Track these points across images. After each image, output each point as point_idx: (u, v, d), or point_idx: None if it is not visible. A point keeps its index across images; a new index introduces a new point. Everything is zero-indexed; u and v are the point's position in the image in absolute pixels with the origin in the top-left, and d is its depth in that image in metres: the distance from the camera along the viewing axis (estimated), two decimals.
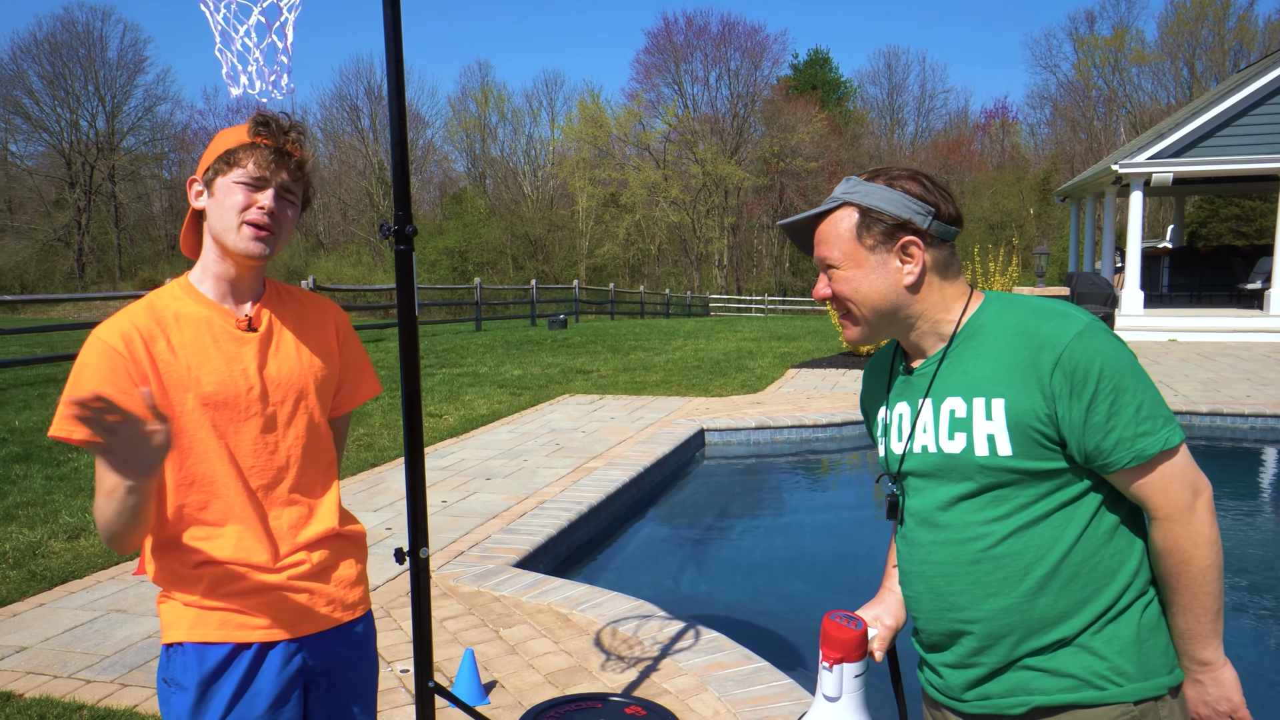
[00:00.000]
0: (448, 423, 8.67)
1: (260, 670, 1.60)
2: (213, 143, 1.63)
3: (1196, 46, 42.86)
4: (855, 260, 1.44)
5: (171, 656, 1.60)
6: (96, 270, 45.96)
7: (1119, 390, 1.34)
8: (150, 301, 1.60)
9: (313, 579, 1.66)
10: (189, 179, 1.62)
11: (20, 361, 11.37)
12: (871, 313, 1.45)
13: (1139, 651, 1.40)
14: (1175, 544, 1.37)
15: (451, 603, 4.26)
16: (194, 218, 1.65)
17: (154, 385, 1.53)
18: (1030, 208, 43.10)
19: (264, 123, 1.58)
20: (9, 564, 4.83)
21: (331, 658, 1.69)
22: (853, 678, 1.43)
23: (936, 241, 1.44)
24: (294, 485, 1.66)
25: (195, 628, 1.58)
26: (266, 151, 1.56)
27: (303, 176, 1.62)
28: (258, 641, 1.60)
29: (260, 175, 1.56)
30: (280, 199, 1.59)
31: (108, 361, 1.51)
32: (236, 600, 1.59)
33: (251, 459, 1.61)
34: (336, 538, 1.72)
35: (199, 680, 1.57)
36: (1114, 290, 12.45)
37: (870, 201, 1.43)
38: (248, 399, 1.60)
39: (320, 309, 1.76)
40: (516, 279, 44.11)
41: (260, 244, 1.57)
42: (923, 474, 1.48)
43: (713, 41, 48.49)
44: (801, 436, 8.27)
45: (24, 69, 44.64)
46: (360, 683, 1.75)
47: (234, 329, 1.61)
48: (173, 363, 1.55)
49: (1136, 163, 15.17)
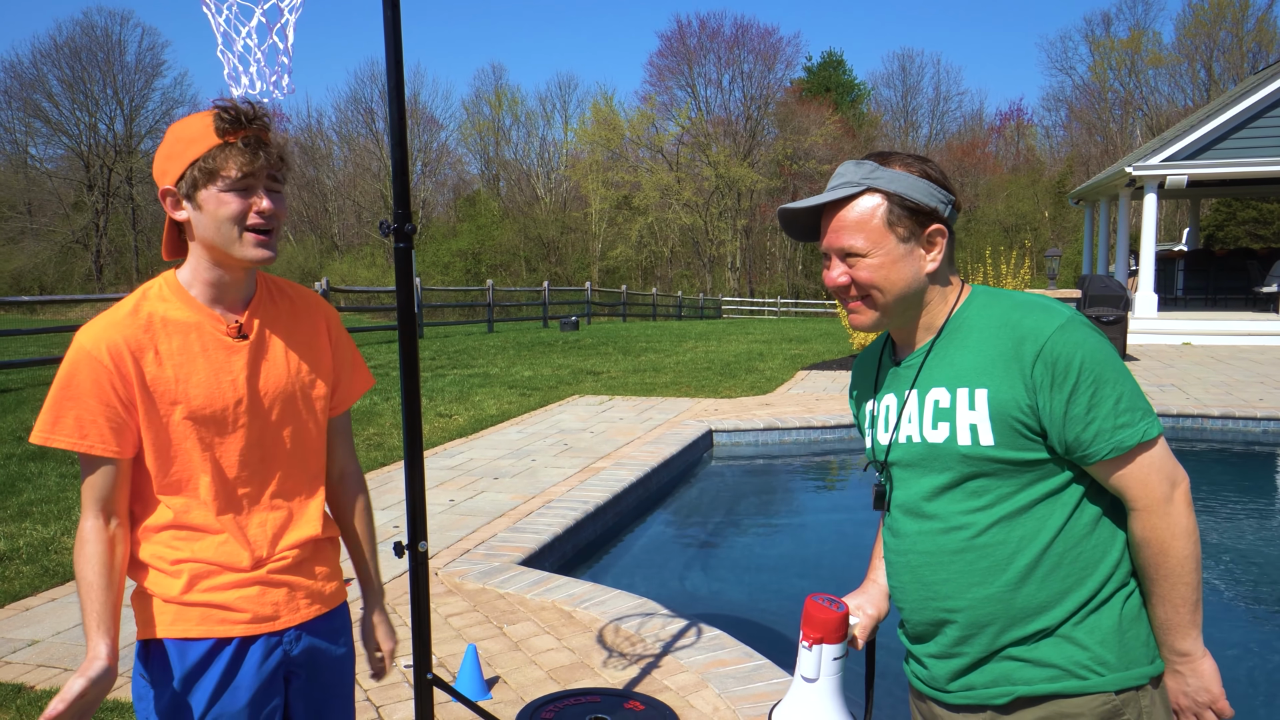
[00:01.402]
0: (457, 423, 8.72)
1: (242, 664, 1.59)
2: (170, 142, 1.53)
3: (1214, 48, 42.57)
4: (884, 248, 1.43)
5: (151, 652, 1.58)
6: (114, 272, 46.40)
7: (1099, 383, 1.36)
8: (136, 305, 1.55)
9: (291, 573, 1.66)
10: (162, 190, 1.53)
11: (39, 361, 11.51)
12: (894, 300, 1.46)
13: (1120, 641, 1.41)
14: (1153, 535, 1.38)
15: (456, 600, 4.30)
16: (172, 224, 1.59)
17: (139, 398, 1.52)
18: (1044, 210, 42.88)
19: (229, 118, 1.49)
20: (22, 559, 4.90)
21: (310, 649, 1.69)
22: (831, 660, 1.45)
23: (951, 230, 1.47)
24: (277, 492, 1.65)
25: (175, 623, 1.57)
26: (243, 149, 1.49)
27: (283, 164, 1.55)
28: (238, 636, 1.59)
29: (246, 175, 1.50)
30: (270, 194, 1.54)
31: (92, 375, 1.50)
32: (216, 596, 1.58)
33: (237, 469, 1.60)
34: (316, 541, 1.72)
35: (181, 676, 1.56)
36: (1127, 293, 12.37)
37: (899, 188, 1.43)
38: (235, 411, 1.58)
39: (311, 307, 1.74)
40: (529, 281, 44.23)
41: (265, 249, 1.54)
42: (907, 464, 1.50)
43: (726, 44, 48.56)
44: (809, 438, 8.27)
45: (44, 73, 45.21)
46: (338, 673, 1.75)
47: (223, 336, 1.58)
48: (160, 375, 1.53)
49: (1151, 165, 15.08)
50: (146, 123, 47.37)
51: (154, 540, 1.59)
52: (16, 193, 46.19)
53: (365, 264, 45.47)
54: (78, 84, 45.28)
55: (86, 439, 1.50)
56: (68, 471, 6.85)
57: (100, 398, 1.50)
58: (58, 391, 1.51)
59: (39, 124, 46.14)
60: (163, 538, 1.59)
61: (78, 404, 1.50)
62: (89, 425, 1.50)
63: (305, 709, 1.71)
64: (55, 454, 7.35)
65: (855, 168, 1.46)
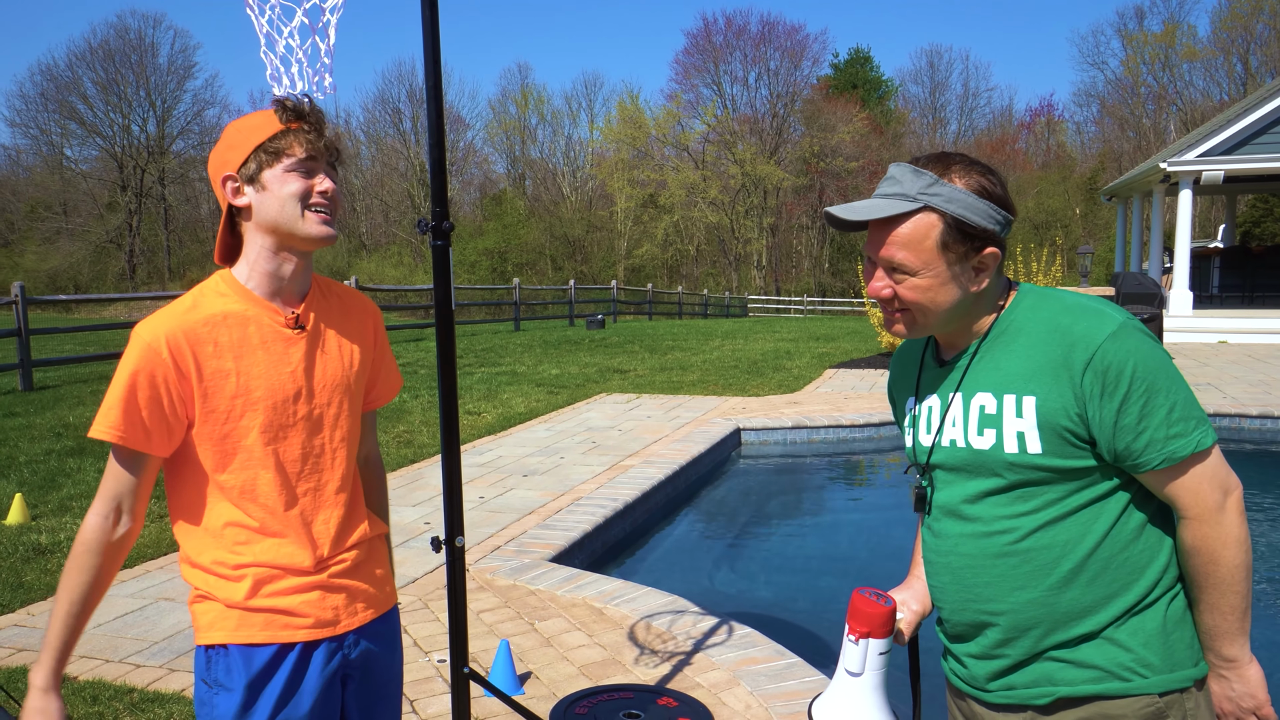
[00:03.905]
0: (486, 420, 8.77)
1: (306, 670, 1.60)
2: (230, 134, 1.58)
3: (1251, 41, 41.77)
4: (935, 271, 1.38)
5: (213, 658, 1.57)
6: (146, 271, 47.11)
7: (1151, 392, 1.33)
8: (195, 300, 1.57)
9: (349, 576, 1.67)
10: (222, 177, 1.56)
11: (74, 359, 11.72)
12: (937, 320, 1.43)
13: (1164, 644, 1.40)
14: (1204, 544, 1.36)
15: (488, 595, 4.33)
16: (228, 223, 1.61)
17: (196, 393, 1.53)
18: (1076, 207, 42.33)
19: (291, 108, 1.56)
20: (63, 553, 5.00)
21: (366, 652, 1.70)
22: (876, 655, 1.44)
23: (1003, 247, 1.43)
24: (338, 487, 1.66)
25: (240, 629, 1.56)
26: (306, 132, 1.55)
27: (338, 154, 1.61)
28: (301, 641, 1.60)
29: (310, 157, 1.55)
30: (330, 177, 1.58)
31: (147, 368, 1.50)
32: (280, 601, 1.58)
33: (298, 463, 1.61)
34: (368, 535, 1.73)
35: (246, 683, 1.55)
36: (1161, 291, 12.20)
37: (957, 211, 1.37)
38: (294, 403, 1.60)
39: (361, 306, 1.76)
40: (555, 279, 44.34)
41: (328, 227, 1.57)
42: (951, 467, 1.48)
43: (752, 41, 48.32)
44: (838, 436, 8.23)
45: (79, 75, 45.97)
46: (390, 674, 1.76)
47: (281, 328, 1.59)
48: (219, 368, 1.54)
49: (1186, 160, 14.84)
50: (178, 124, 48.11)
51: (214, 544, 1.59)
52: (53, 193, 47.06)
53: (393, 263, 45.81)
54: (111, 86, 46.01)
55: (121, 430, 1.51)
56: (105, 467, 6.96)
57: (150, 392, 1.51)
58: (112, 384, 1.53)
59: (74, 126, 47.01)
60: (224, 541, 1.58)
61: (127, 396, 1.51)
62: (131, 418, 1.51)
63: (358, 710, 1.71)
64: (94, 449, 7.48)
65: (914, 177, 1.39)
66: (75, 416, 8.89)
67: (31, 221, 46.65)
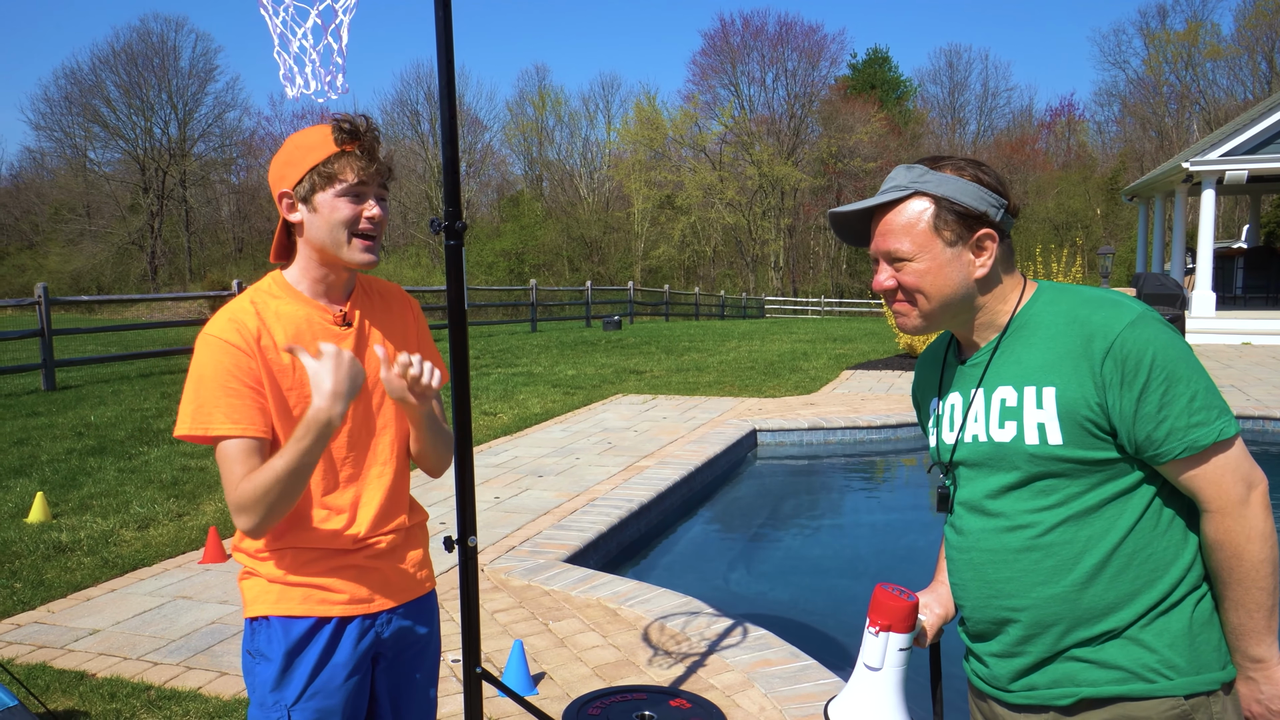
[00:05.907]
0: (502, 421, 8.79)
1: (339, 643, 1.68)
2: (290, 150, 1.65)
3: (1276, 39, 41.26)
4: (930, 252, 1.41)
5: (256, 630, 1.68)
6: (168, 272, 47.54)
7: (1171, 380, 1.32)
8: (251, 299, 1.67)
9: (385, 558, 1.74)
10: (279, 193, 1.65)
11: (96, 360, 11.84)
12: (939, 306, 1.44)
13: (1190, 645, 1.37)
14: (1227, 538, 1.34)
15: (502, 596, 4.33)
16: (284, 226, 1.71)
17: (266, 383, 1.60)
18: (1097, 208, 41.95)
19: (348, 130, 1.61)
20: (83, 551, 5.04)
21: (399, 631, 1.77)
22: (897, 650, 1.42)
23: (1003, 234, 1.44)
24: (379, 473, 1.74)
25: (280, 602, 1.66)
26: (359, 157, 1.61)
27: (390, 174, 1.68)
28: (337, 615, 1.68)
29: (361, 183, 1.62)
30: (379, 202, 1.66)
31: (230, 358, 1.57)
32: (318, 576, 1.67)
33: (344, 449, 1.68)
34: (407, 523, 1.80)
35: (284, 651, 1.65)
36: (1183, 291, 12.05)
37: (946, 192, 1.40)
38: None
39: (401, 300, 1.84)
40: (572, 280, 44.41)
41: (371, 254, 1.65)
42: (973, 463, 1.47)
43: (770, 42, 48.22)
44: (855, 438, 8.18)
45: (102, 79, 46.46)
46: (423, 654, 1.83)
47: (331, 325, 1.69)
48: (276, 360, 1.63)
49: (1209, 160, 14.68)
50: (199, 126, 48.52)
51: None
52: (76, 195, 47.58)
53: (410, 264, 46.03)
54: (134, 89, 46.49)
55: (239, 424, 1.56)
56: (125, 466, 7.03)
57: (243, 381, 1.58)
58: (198, 385, 1.57)
59: (97, 129, 47.50)
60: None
61: (223, 392, 1.56)
62: (240, 411, 1.57)
63: (387, 690, 1.78)
64: (114, 450, 7.55)
65: (906, 172, 1.45)
66: (97, 416, 8.97)
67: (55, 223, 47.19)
